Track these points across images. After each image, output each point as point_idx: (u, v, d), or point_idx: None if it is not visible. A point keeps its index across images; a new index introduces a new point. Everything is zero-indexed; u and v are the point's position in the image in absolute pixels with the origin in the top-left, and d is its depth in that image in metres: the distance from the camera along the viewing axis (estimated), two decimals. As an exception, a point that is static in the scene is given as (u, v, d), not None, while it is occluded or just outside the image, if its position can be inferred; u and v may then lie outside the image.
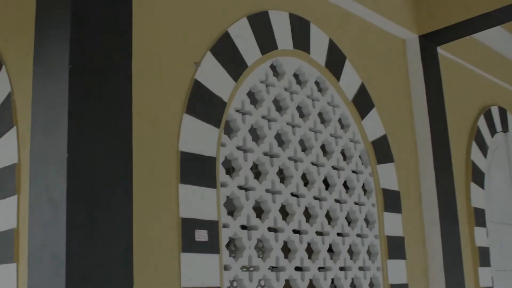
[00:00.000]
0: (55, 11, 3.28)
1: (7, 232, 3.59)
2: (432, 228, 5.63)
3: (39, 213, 3.07)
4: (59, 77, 3.12)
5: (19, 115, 3.70)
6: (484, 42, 7.20)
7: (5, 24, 4.04)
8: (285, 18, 4.70)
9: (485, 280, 6.20)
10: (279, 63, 4.60)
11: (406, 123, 5.84)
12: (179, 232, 3.60)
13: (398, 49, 6.00)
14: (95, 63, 3.21)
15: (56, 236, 2.92)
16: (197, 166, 3.80)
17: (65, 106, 3.04)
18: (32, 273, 3.05)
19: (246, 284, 3.96)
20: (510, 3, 5.45)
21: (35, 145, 3.22)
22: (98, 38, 3.27)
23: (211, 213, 3.79)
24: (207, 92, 3.97)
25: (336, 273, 4.64)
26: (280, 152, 4.42)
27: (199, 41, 4.04)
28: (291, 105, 4.61)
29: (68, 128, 3.00)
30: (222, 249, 3.82)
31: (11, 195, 3.62)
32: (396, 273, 5.17)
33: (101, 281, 2.97)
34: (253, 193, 4.16)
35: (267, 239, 4.18)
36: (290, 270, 4.28)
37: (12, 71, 3.86)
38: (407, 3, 6.01)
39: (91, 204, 3.02)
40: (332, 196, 4.77)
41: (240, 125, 4.19)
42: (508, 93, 7.73)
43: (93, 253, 2.97)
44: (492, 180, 6.86)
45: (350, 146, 5.07)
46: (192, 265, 3.61)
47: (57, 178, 2.98)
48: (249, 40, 4.36)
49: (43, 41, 3.33)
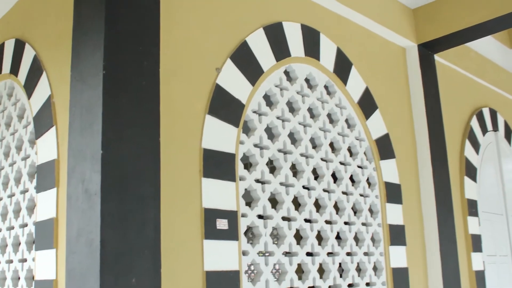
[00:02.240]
0: (90, 23, 3.27)
1: (48, 221, 3.59)
2: (430, 217, 5.59)
3: (76, 204, 3.06)
4: (93, 82, 3.11)
5: (58, 116, 3.70)
6: (476, 50, 7.15)
7: (45, 35, 4.04)
8: (297, 29, 4.66)
9: (477, 264, 6.15)
10: (292, 69, 4.56)
11: (406, 123, 5.79)
12: (202, 221, 3.58)
13: (398, 56, 5.95)
14: (126, 69, 3.19)
15: (91, 224, 2.91)
16: (218, 161, 3.77)
17: (99, 108, 3.03)
18: (69, 258, 3.04)
19: (262, 268, 3.93)
20: (499, 15, 5.44)
21: (73, 143, 3.21)
22: (129, 47, 3.24)
23: (230, 204, 3.77)
24: (227, 95, 3.94)
25: (343, 258, 4.61)
26: (293, 149, 4.39)
27: (220, 49, 4.01)
28: (302, 106, 4.58)
29: (102, 128, 2.99)
30: (241, 236, 3.80)
31: (51, 187, 3.62)
32: (397, 258, 5.12)
33: (131, 265, 2.95)
34: (269, 186, 4.14)
35: (281, 227, 4.15)
36: (301, 255, 4.25)
37: (52, 76, 3.86)
38: (407, 15, 5.98)
39: (123, 195, 2.99)
40: (340, 189, 4.74)
41: (256, 124, 4.16)
42: (498, 96, 7.67)
43: (125, 240, 2.95)
44: (483, 174, 6.81)
45: (355, 144, 5.02)
46: (213, 251, 3.59)
47: (92, 172, 2.97)
48: (265, 48, 4.33)
49: (79, 50, 3.32)
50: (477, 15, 5.61)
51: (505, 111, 7.76)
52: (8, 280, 4.11)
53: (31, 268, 3.84)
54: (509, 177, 7.33)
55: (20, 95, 4.30)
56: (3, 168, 4.43)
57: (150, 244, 3.07)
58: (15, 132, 4.33)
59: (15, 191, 4.18)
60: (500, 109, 7.63)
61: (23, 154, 4.14)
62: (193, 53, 3.81)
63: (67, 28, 3.62)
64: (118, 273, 2.88)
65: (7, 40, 4.59)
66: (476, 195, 6.50)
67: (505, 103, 7.82)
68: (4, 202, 4.33)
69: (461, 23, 5.71)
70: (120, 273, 2.89)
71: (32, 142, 4.08)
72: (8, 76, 4.53)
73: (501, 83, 7.66)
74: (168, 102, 3.54)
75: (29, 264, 3.87)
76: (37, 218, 3.74)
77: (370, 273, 4.81)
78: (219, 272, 3.59)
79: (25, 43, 4.28)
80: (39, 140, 3.88)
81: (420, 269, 5.45)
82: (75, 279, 2.97)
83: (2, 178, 4.42)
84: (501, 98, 7.75)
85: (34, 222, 3.81)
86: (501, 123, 7.52)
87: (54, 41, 3.89)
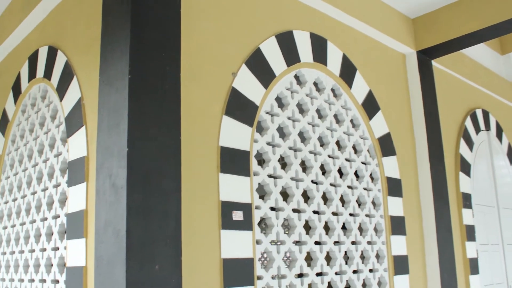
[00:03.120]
0: (117, 32, 3.25)
1: (78, 212, 3.58)
2: (427, 209, 5.56)
3: (104, 197, 3.05)
4: (120, 86, 3.10)
5: (87, 116, 3.68)
6: (470, 56, 7.12)
7: (76, 43, 4.04)
8: (306, 37, 4.63)
9: (471, 252, 6.11)
10: (302, 73, 4.53)
11: (406, 123, 5.75)
12: (219, 212, 3.55)
13: (399, 62, 5.91)
14: (149, 74, 3.17)
15: (118, 216, 2.90)
16: (234, 158, 3.74)
17: (125, 109, 3.02)
18: (98, 246, 3.03)
19: (274, 255, 3.91)
20: (491, 24, 5.44)
21: (101, 141, 3.20)
22: (153, 54, 3.22)
23: (245, 197, 3.74)
24: (242, 98, 3.92)
25: (348, 247, 4.58)
26: (302, 147, 4.36)
27: (235, 56, 3.98)
28: (311, 108, 4.54)
29: (128, 127, 2.98)
30: (255, 226, 3.77)
31: (81, 182, 3.60)
32: (398, 246, 5.09)
33: (155, 253, 2.93)
34: (280, 180, 4.11)
35: (291, 218, 4.12)
36: (310, 244, 4.22)
37: (82, 80, 3.85)
38: (407, 24, 5.94)
39: (147, 189, 2.98)
40: (345, 183, 4.70)
41: (269, 124, 4.13)
42: (490, 98, 7.62)
43: (148, 230, 2.93)
44: (477, 170, 6.77)
45: (360, 142, 4.99)
46: (229, 240, 3.57)
47: (119, 168, 2.96)
48: (277, 54, 4.30)
49: (107, 56, 3.31)
50: (471, 25, 5.60)
51: (496, 112, 7.71)
52: (42, 267, 4.11)
53: (63, 256, 3.84)
54: (500, 173, 7.31)
55: (53, 98, 4.30)
56: (37, 164, 4.43)
57: (171, 234, 3.05)
58: (48, 131, 4.33)
59: (48, 185, 4.18)
60: (492, 110, 7.58)
61: (55, 151, 4.14)
62: (211, 59, 3.79)
63: (96, 36, 3.63)
64: (142, 261, 2.86)
65: (41, 47, 4.60)
66: (470, 189, 6.46)
67: (496, 105, 7.77)
68: (38, 196, 4.33)
69: (456, 32, 5.70)
70: (144, 260, 2.87)
71: (63, 140, 4.07)
72: (42, 80, 4.53)
73: (493, 86, 7.61)
74: (188, 104, 3.52)
75: (61, 252, 3.86)
76: (68, 210, 3.73)
77: (373, 261, 4.78)
78: (235, 259, 3.57)
79: (57, 50, 4.27)
80: (70, 138, 3.87)
81: (419, 257, 5.41)
82: (103, 266, 2.96)
83: (36, 173, 4.42)
84: (493, 100, 7.70)
85: (66, 214, 3.81)
86: (493, 123, 7.47)
87: (84, 48, 3.89)
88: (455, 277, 5.59)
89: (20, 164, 4.78)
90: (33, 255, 4.28)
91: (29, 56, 4.85)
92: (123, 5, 3.25)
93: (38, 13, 4.63)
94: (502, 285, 6.67)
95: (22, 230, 4.54)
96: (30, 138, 4.65)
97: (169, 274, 2.99)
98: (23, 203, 4.60)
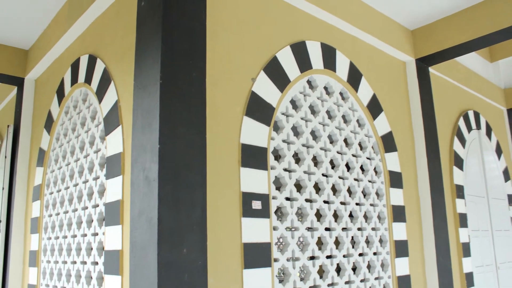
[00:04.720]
0: (150, 42, 3.24)
1: (115, 202, 3.56)
2: (425, 199, 5.51)
3: (138, 189, 3.03)
4: (152, 90, 3.09)
5: (123, 117, 3.67)
6: (463, 64, 7.07)
7: (113, 51, 4.02)
8: (317, 46, 4.58)
9: (463, 237, 6.06)
10: (313, 79, 4.48)
11: (406, 123, 5.68)
12: (240, 202, 3.52)
13: (400, 68, 5.85)
14: (178, 79, 3.14)
15: (150, 205, 2.89)
16: (254, 154, 3.71)
17: (156, 111, 3.00)
18: (133, 232, 3.02)
19: (289, 240, 3.86)
20: (481, 35, 5.42)
21: (135, 139, 3.18)
22: (181, 61, 3.19)
23: (263, 188, 3.70)
24: (261, 100, 3.88)
25: (355, 232, 4.53)
26: (314, 144, 4.30)
27: (255, 63, 3.94)
28: (322, 109, 4.49)
29: (159, 127, 2.96)
30: (272, 214, 3.73)
31: (118, 175, 3.59)
32: (398, 232, 5.04)
33: (183, 239, 2.91)
34: (294, 174, 4.07)
35: (304, 207, 4.08)
36: (321, 230, 4.17)
37: (118, 85, 3.84)
38: (407, 35, 5.88)
39: (176, 182, 2.96)
40: (352, 176, 4.65)
41: (284, 124, 4.09)
42: (481, 101, 7.54)
43: (177, 218, 2.91)
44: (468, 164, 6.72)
45: (365, 140, 4.93)
46: (249, 227, 3.53)
47: (151, 163, 2.95)
48: (291, 62, 4.25)
49: (140, 63, 3.29)
50: (464, 36, 5.58)
51: (486, 113, 7.64)
52: (83, 250, 4.09)
53: (102, 241, 3.82)
54: (489, 167, 7.25)
55: (93, 100, 4.29)
56: (79, 159, 4.41)
57: (198, 221, 3.03)
58: (89, 130, 4.33)
59: (89, 178, 4.16)
60: (482, 112, 7.52)
61: (95, 148, 4.13)
62: (233, 66, 3.76)
63: (131, 45, 3.63)
64: (172, 245, 2.85)
65: (82, 56, 4.59)
66: (462, 181, 6.40)
67: (486, 107, 7.70)
68: (79, 187, 4.32)
69: (451, 42, 5.67)
70: (174, 245, 2.86)
71: (102, 138, 4.06)
72: (83, 85, 4.52)
73: (483, 90, 7.55)
74: (213, 106, 3.50)
75: (100, 237, 3.85)
76: (107, 200, 3.72)
77: (376, 245, 4.72)
78: (254, 243, 3.54)
79: (96, 58, 4.26)
80: (108, 136, 3.86)
81: (417, 241, 5.36)
82: (137, 250, 2.95)
83: (78, 167, 4.41)
84: (483, 102, 7.63)
85: (104, 203, 3.79)
86: (483, 123, 7.40)
87: (120, 56, 3.87)
88: (450, 259, 5.55)
89: (64, 159, 4.77)
90: (75, 240, 4.27)
91: (72, 64, 4.85)
92: (155, 18, 3.24)
93: (79, 25, 4.64)
94: (491, 267, 6.63)
95: (65, 218, 4.54)
96: (73, 136, 4.65)
97: (196, 257, 2.97)
98: (66, 194, 4.59)
